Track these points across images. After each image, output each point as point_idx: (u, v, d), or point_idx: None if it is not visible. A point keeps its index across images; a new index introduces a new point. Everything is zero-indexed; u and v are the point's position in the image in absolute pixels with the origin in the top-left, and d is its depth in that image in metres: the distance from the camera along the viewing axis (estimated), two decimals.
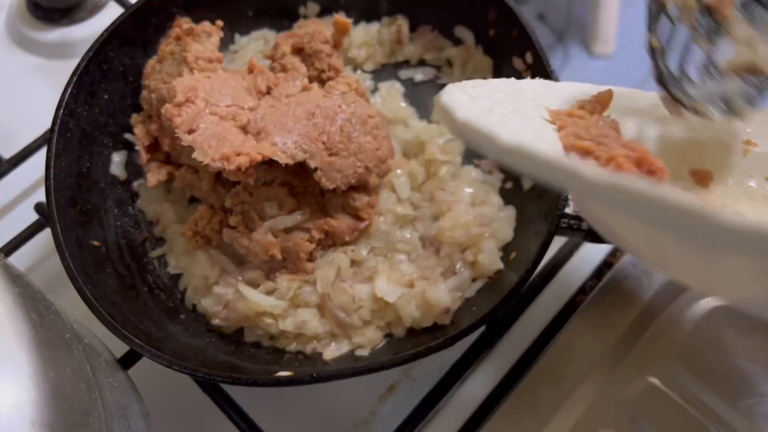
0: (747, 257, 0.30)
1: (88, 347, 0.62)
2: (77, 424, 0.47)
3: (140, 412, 0.70)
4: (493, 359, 0.88)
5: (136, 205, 0.91)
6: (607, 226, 0.47)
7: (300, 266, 0.83)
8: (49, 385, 0.45)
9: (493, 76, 0.95)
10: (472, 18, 0.95)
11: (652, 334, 0.88)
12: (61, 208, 0.79)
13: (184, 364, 0.69)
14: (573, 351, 0.85)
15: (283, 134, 0.79)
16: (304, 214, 0.83)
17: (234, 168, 0.75)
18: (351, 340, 0.81)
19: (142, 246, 0.89)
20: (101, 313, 0.72)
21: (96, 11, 1.18)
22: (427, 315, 0.80)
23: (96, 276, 0.78)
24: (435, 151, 0.89)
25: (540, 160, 0.35)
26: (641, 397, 0.84)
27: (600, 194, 0.31)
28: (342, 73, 0.90)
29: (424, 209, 0.87)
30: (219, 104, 0.81)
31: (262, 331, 0.82)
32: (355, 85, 0.87)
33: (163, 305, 0.84)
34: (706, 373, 0.85)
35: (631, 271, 0.90)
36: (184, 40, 0.87)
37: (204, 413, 0.84)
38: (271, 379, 0.70)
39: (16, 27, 1.18)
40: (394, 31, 0.99)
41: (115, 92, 0.90)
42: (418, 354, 0.70)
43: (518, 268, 0.78)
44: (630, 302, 0.88)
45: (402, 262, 0.85)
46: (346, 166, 0.81)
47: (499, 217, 0.86)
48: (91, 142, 0.87)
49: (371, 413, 0.87)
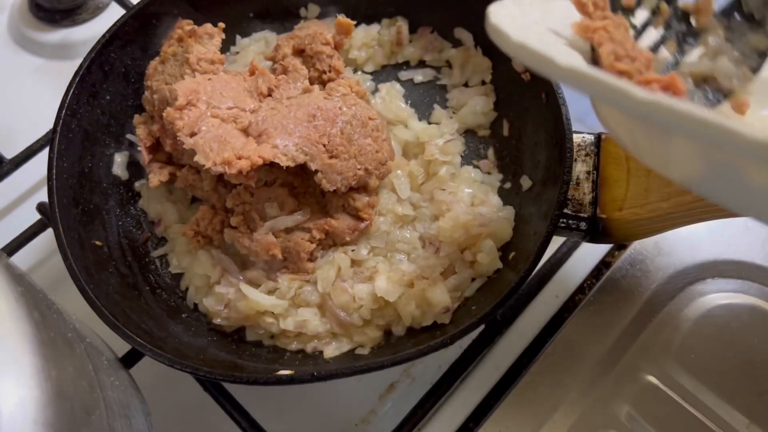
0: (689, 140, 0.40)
1: (90, 346, 0.63)
2: (79, 422, 0.47)
3: (142, 410, 0.70)
4: (492, 358, 0.88)
5: (137, 205, 0.91)
6: (612, 124, 0.55)
7: (301, 266, 0.83)
8: (52, 384, 0.45)
9: (492, 77, 0.96)
10: (472, 19, 0.95)
11: (650, 332, 0.88)
12: (63, 208, 0.79)
13: (186, 363, 0.70)
14: (572, 350, 0.85)
15: (284, 136, 0.80)
16: (304, 214, 0.84)
17: (235, 172, 0.75)
18: (351, 339, 0.82)
19: (143, 246, 0.89)
20: (103, 312, 0.72)
21: (98, 12, 1.19)
22: (427, 314, 0.80)
23: (98, 276, 0.78)
24: (435, 151, 0.89)
25: (595, 81, 0.42)
26: (640, 395, 0.84)
27: (642, 110, 0.39)
28: (343, 75, 0.91)
29: (424, 209, 0.87)
30: (220, 106, 0.81)
31: (263, 331, 0.83)
32: (356, 87, 0.88)
33: (165, 305, 0.85)
34: (704, 372, 0.85)
35: (629, 271, 0.90)
36: (186, 41, 0.88)
37: (205, 412, 0.84)
38: (272, 378, 0.71)
39: (19, 28, 1.18)
40: (393, 32, 0.99)
41: (117, 93, 0.90)
42: (417, 353, 0.70)
43: (517, 267, 0.78)
44: (628, 301, 0.88)
45: (402, 262, 0.85)
46: (347, 168, 0.82)
47: (498, 217, 0.86)
48: (93, 142, 0.88)
49: (371, 411, 0.87)
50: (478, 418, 0.85)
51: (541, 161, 0.85)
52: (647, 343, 0.87)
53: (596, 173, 0.79)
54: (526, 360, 0.88)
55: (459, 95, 0.97)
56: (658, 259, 0.91)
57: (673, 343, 0.87)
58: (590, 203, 0.77)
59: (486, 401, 0.86)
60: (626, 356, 0.87)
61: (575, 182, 0.78)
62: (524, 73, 0.89)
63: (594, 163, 0.79)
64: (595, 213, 0.77)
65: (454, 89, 0.98)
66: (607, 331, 0.86)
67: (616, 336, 0.86)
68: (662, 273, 0.90)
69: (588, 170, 0.79)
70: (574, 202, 0.78)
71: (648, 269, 0.90)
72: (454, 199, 0.86)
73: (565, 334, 0.86)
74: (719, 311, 0.88)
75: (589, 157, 0.80)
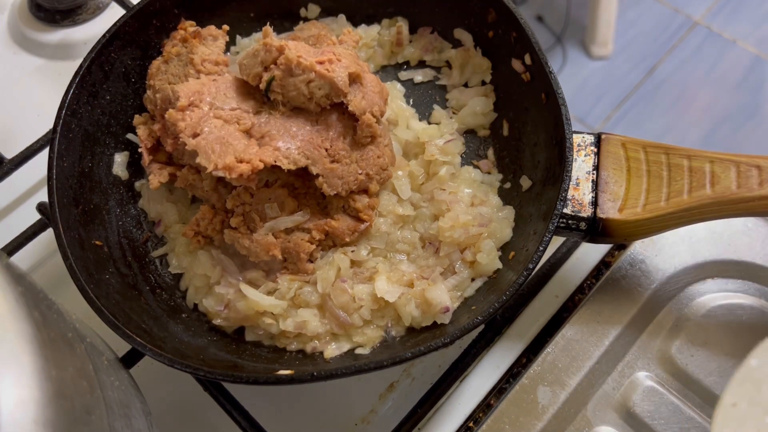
0: None
1: (90, 346, 0.63)
2: (79, 422, 0.47)
3: (142, 410, 0.70)
4: (492, 358, 0.88)
5: (137, 205, 0.91)
6: None
7: (300, 266, 0.83)
8: (52, 384, 0.45)
9: (492, 78, 0.96)
10: (472, 20, 0.95)
11: (650, 332, 0.88)
12: (63, 208, 0.79)
13: (186, 363, 0.70)
14: (571, 349, 0.86)
15: (287, 139, 0.80)
16: (304, 215, 0.84)
17: (236, 176, 0.75)
18: (351, 339, 0.82)
19: (143, 246, 0.89)
20: (103, 312, 0.72)
21: (98, 12, 1.19)
22: (427, 314, 0.80)
23: (98, 275, 0.78)
24: (435, 151, 0.89)
25: None
26: (640, 395, 0.84)
27: None
28: None
29: (424, 209, 0.87)
30: (224, 107, 0.81)
31: (262, 331, 0.83)
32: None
33: (165, 305, 0.85)
34: (704, 372, 0.85)
35: (629, 271, 0.90)
36: (190, 42, 0.88)
37: (205, 412, 0.84)
38: (272, 378, 0.71)
39: (19, 28, 1.18)
40: (393, 32, 0.99)
41: (117, 93, 0.90)
42: (417, 353, 0.70)
43: (517, 267, 0.78)
44: (628, 301, 0.88)
45: (402, 262, 0.85)
46: (348, 173, 0.82)
47: (498, 217, 0.86)
48: (93, 142, 0.88)
49: (372, 411, 0.87)
50: (478, 418, 0.85)
51: (541, 161, 0.85)
52: (647, 343, 0.88)
53: (596, 173, 0.79)
54: (526, 360, 0.88)
55: (459, 95, 0.97)
56: (658, 259, 0.91)
57: (673, 343, 0.87)
58: (590, 203, 0.77)
59: (486, 401, 0.86)
60: (626, 356, 0.87)
61: (575, 182, 0.78)
62: (524, 73, 0.89)
63: (594, 163, 0.79)
64: (595, 213, 0.77)
65: (454, 89, 0.98)
66: (607, 331, 0.86)
67: (616, 336, 0.86)
68: (662, 273, 0.90)
69: (588, 170, 0.79)
70: (574, 202, 0.78)
71: (648, 269, 0.90)
72: (454, 199, 0.86)
73: (565, 334, 0.87)
74: (719, 311, 0.88)
75: (589, 157, 0.80)
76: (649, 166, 0.78)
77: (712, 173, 0.75)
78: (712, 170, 0.75)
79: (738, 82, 2.71)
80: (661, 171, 0.77)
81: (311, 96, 0.81)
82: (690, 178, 0.75)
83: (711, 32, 2.84)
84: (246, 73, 0.83)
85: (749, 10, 2.88)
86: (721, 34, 2.83)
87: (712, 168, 0.75)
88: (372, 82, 0.84)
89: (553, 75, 0.82)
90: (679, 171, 0.76)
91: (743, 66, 2.74)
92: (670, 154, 0.77)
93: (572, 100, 2.65)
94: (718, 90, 2.69)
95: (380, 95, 0.84)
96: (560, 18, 2.90)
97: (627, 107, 2.66)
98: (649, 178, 0.77)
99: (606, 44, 2.79)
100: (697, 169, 0.76)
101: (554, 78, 0.82)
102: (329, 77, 0.79)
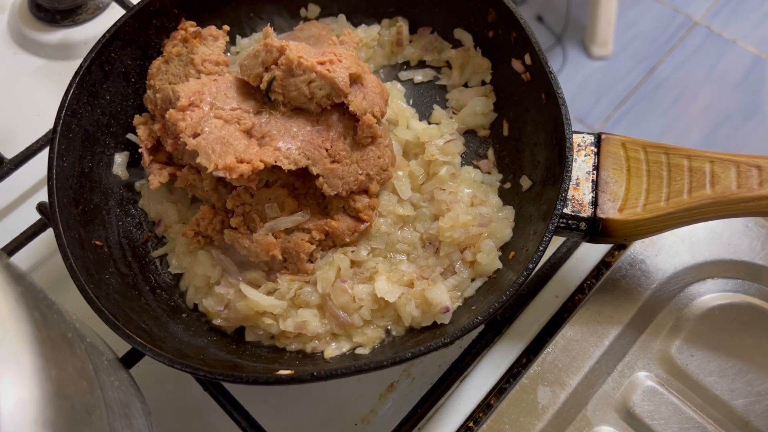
0: None
1: (91, 346, 0.63)
2: (79, 422, 0.47)
3: (142, 410, 0.70)
4: (492, 358, 0.88)
5: (137, 205, 0.91)
6: None
7: (300, 267, 0.83)
8: (52, 384, 0.45)
9: (492, 78, 0.96)
10: (472, 20, 0.95)
11: (650, 332, 0.88)
12: (63, 208, 0.79)
13: (186, 363, 0.70)
14: (571, 349, 0.86)
15: (287, 139, 0.80)
16: (304, 215, 0.84)
17: (236, 177, 0.75)
18: (351, 339, 0.82)
19: (143, 246, 0.89)
20: (103, 312, 0.72)
21: (98, 12, 1.19)
22: (427, 314, 0.80)
23: (98, 275, 0.78)
24: (435, 151, 0.89)
25: None
26: (640, 395, 0.84)
27: None
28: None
29: (424, 209, 0.87)
30: (224, 107, 0.81)
31: (262, 331, 0.83)
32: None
33: (165, 305, 0.85)
34: (704, 372, 0.85)
35: (629, 271, 0.90)
36: (191, 42, 0.88)
37: (205, 412, 0.84)
38: (272, 378, 0.71)
39: (19, 28, 1.18)
40: (393, 32, 0.99)
41: (117, 93, 0.90)
42: (417, 353, 0.70)
43: (517, 267, 0.78)
44: (628, 301, 0.88)
45: (402, 262, 0.85)
46: (348, 173, 0.82)
47: (498, 217, 0.86)
48: (93, 142, 0.88)
49: (372, 411, 0.87)
50: (478, 418, 0.85)
51: (540, 161, 0.85)
52: (647, 343, 0.88)
53: (596, 173, 0.79)
54: (526, 360, 0.88)
55: (459, 95, 0.97)
56: (658, 259, 0.91)
57: (673, 343, 0.87)
58: (590, 203, 0.77)
59: (486, 401, 0.86)
60: (626, 356, 0.87)
61: (575, 182, 0.78)
62: (524, 73, 0.89)
63: (594, 163, 0.79)
64: (594, 213, 0.77)
65: (454, 89, 0.98)
66: (607, 331, 0.86)
67: (616, 336, 0.86)
68: (662, 273, 0.90)
69: (588, 170, 0.79)
70: (574, 202, 0.78)
71: (648, 269, 0.90)
72: (454, 199, 0.86)
73: (565, 334, 0.87)
74: (719, 311, 0.88)
75: (589, 157, 0.80)
76: (649, 166, 0.78)
77: (712, 173, 0.75)
78: (712, 170, 0.75)
79: (738, 82, 2.71)
80: (661, 171, 0.77)
81: (312, 96, 0.81)
82: (690, 178, 0.75)
83: (711, 32, 2.84)
84: (247, 74, 0.83)
85: (749, 10, 2.88)
86: (721, 34, 2.83)
87: (712, 168, 0.75)
88: (373, 83, 0.84)
89: (553, 75, 0.83)
90: (679, 171, 0.76)
91: (743, 66, 2.74)
92: (670, 154, 0.77)
93: (572, 100, 2.65)
94: (718, 90, 2.69)
95: (381, 96, 0.84)
96: (560, 18, 2.90)
97: (627, 107, 2.66)
98: (649, 178, 0.77)
99: (606, 44, 2.79)
100: (697, 169, 0.76)
101: (554, 78, 0.82)
102: (330, 78, 0.79)
